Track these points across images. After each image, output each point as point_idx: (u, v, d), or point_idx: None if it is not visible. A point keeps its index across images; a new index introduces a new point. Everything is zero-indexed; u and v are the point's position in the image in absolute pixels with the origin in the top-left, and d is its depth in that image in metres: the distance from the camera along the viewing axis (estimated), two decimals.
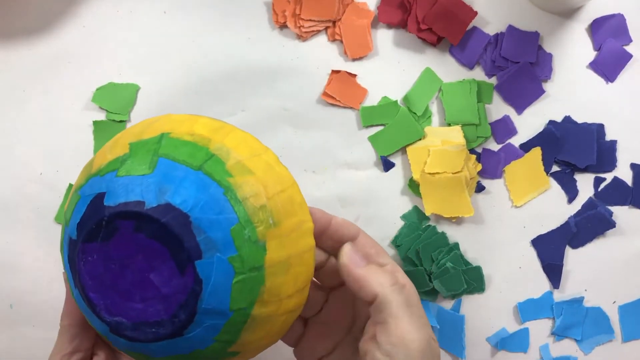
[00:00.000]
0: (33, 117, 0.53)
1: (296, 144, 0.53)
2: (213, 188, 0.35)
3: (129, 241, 0.35)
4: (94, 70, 0.53)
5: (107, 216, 0.34)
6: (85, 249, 0.35)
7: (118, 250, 0.35)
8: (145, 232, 0.34)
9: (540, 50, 0.52)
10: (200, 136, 0.38)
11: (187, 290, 0.34)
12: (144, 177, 0.35)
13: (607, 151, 0.52)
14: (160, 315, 0.35)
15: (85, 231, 0.35)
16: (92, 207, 0.35)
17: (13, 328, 0.53)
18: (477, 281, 0.51)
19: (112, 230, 0.35)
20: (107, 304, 0.35)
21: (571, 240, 0.52)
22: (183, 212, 0.34)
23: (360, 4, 0.52)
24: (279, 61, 0.52)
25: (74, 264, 0.36)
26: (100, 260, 0.35)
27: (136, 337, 0.35)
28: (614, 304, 0.52)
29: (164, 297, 0.34)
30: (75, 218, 0.36)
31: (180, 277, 0.34)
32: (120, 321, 0.35)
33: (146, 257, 0.35)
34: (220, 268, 0.34)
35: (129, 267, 0.35)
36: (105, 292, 0.35)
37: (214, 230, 0.34)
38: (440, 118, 0.52)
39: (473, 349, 0.52)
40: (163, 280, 0.34)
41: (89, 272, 0.35)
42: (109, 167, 0.37)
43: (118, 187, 0.35)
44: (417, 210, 0.52)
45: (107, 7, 0.53)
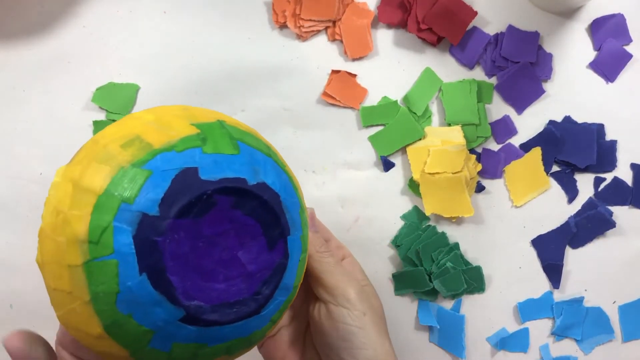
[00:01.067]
0: (33, 117, 0.53)
1: (296, 144, 0.53)
2: (283, 174, 0.37)
3: (223, 218, 0.34)
4: (94, 70, 0.53)
5: (210, 190, 0.33)
6: (174, 225, 0.32)
7: (210, 227, 0.34)
8: (243, 208, 0.34)
9: (540, 50, 0.52)
10: (248, 130, 0.38)
11: (273, 266, 0.35)
12: (234, 156, 0.35)
13: (607, 151, 0.52)
14: (242, 294, 0.34)
15: (178, 207, 0.32)
16: (181, 182, 0.33)
17: (13, 328, 0.53)
18: (477, 281, 0.51)
19: (209, 206, 0.33)
20: (187, 286, 0.33)
21: (571, 240, 0.52)
22: (275, 191, 0.35)
23: (360, 4, 0.52)
24: (279, 61, 0.53)
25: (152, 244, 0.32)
26: (188, 238, 0.33)
27: (215, 320, 0.33)
28: (614, 304, 0.52)
29: (249, 275, 0.34)
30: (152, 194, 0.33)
31: (268, 253, 0.35)
32: (199, 305, 0.33)
33: (237, 234, 0.34)
34: (298, 245, 0.37)
35: (217, 245, 0.34)
36: (187, 273, 0.33)
37: (293, 211, 0.36)
38: (440, 118, 0.52)
39: (473, 349, 0.52)
40: (250, 258, 0.35)
41: (173, 252, 0.32)
42: (186, 144, 0.34)
43: (211, 163, 0.34)
44: (417, 210, 0.52)
45: (107, 7, 0.53)
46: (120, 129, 0.36)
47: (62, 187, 0.35)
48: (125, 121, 0.37)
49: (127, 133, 0.35)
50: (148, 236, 0.32)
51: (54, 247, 0.34)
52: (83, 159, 0.35)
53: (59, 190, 0.34)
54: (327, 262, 0.43)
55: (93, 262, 0.33)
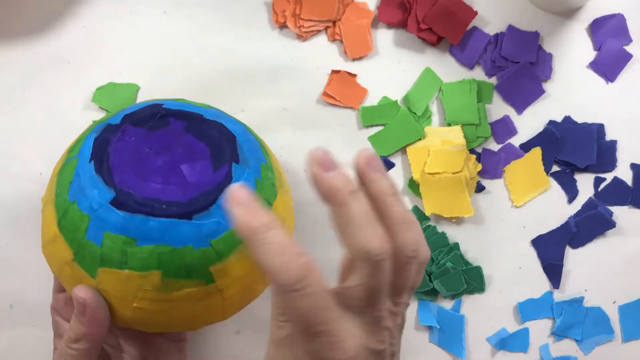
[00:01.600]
0: (33, 117, 0.53)
1: (296, 144, 0.53)
2: (251, 137, 0.43)
3: (174, 135, 0.40)
4: (94, 70, 0.53)
5: (164, 111, 0.40)
6: (128, 130, 0.40)
7: (159, 140, 0.40)
8: (195, 132, 0.40)
9: (540, 50, 0.52)
10: None
11: (214, 184, 0.39)
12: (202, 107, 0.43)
13: (607, 151, 0.52)
14: (177, 197, 0.38)
15: (135, 118, 0.40)
16: (147, 109, 0.41)
17: (13, 328, 0.53)
18: (477, 281, 0.51)
19: (163, 124, 0.40)
20: (124, 177, 0.38)
21: (571, 240, 0.52)
22: (232, 133, 0.41)
23: (360, 4, 0.52)
24: (279, 61, 0.52)
25: (104, 141, 0.39)
26: (137, 143, 0.39)
27: (141, 209, 0.37)
28: (614, 304, 0.52)
29: (188, 184, 0.39)
30: (122, 113, 0.41)
31: (212, 173, 0.39)
32: (129, 192, 0.37)
33: (185, 152, 0.40)
34: (249, 179, 0.39)
35: (163, 156, 0.39)
36: (126, 167, 0.38)
37: (250, 156, 0.40)
38: (440, 118, 0.52)
39: (473, 349, 0.52)
40: (193, 172, 0.39)
41: (120, 148, 0.39)
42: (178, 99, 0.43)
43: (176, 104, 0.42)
44: (417, 210, 0.52)
45: (107, 7, 0.53)
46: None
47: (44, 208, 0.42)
48: None
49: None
50: (105, 137, 0.39)
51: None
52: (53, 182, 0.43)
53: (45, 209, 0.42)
54: None
55: (65, 164, 0.40)
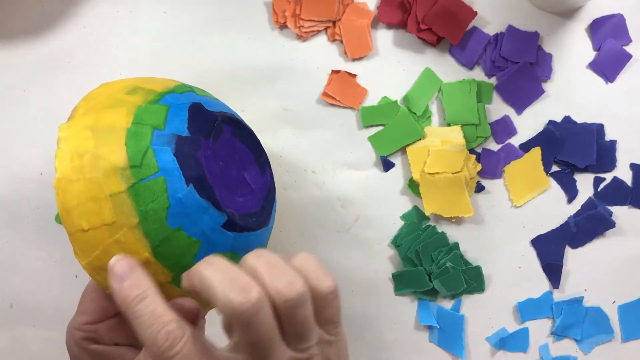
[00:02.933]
0: (33, 117, 0.53)
1: (296, 144, 0.53)
2: None
3: (229, 143, 0.40)
4: (94, 70, 0.53)
5: (220, 118, 0.39)
6: (205, 145, 0.38)
7: (223, 149, 0.39)
8: (239, 136, 0.41)
9: (540, 50, 0.52)
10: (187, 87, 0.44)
11: (267, 185, 0.42)
12: (218, 100, 0.43)
13: (607, 151, 0.52)
14: (255, 207, 0.40)
15: (202, 129, 0.38)
16: (195, 112, 0.38)
17: (13, 328, 0.53)
18: (477, 281, 0.51)
19: (219, 132, 0.39)
20: (222, 196, 0.37)
21: (571, 240, 0.52)
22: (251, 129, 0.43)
23: (360, 4, 0.52)
24: (279, 61, 0.53)
25: (192, 158, 0.36)
26: (213, 157, 0.38)
27: (246, 226, 0.38)
28: (614, 304, 0.52)
29: (254, 192, 0.41)
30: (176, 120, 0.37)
31: (261, 175, 0.42)
32: (232, 212, 0.38)
33: (240, 159, 0.41)
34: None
35: (231, 166, 0.39)
36: (219, 186, 0.37)
37: None
38: (440, 118, 0.52)
39: (473, 349, 0.52)
40: (252, 178, 0.41)
41: (208, 165, 0.37)
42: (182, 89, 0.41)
43: (207, 102, 0.40)
44: (417, 210, 0.52)
45: (107, 7, 0.53)
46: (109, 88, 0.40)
47: (76, 136, 0.36)
48: (107, 84, 0.41)
49: (123, 86, 0.39)
50: (187, 151, 0.36)
51: (86, 186, 0.35)
52: (89, 111, 0.38)
53: (72, 140, 0.36)
54: None
55: (139, 184, 0.35)
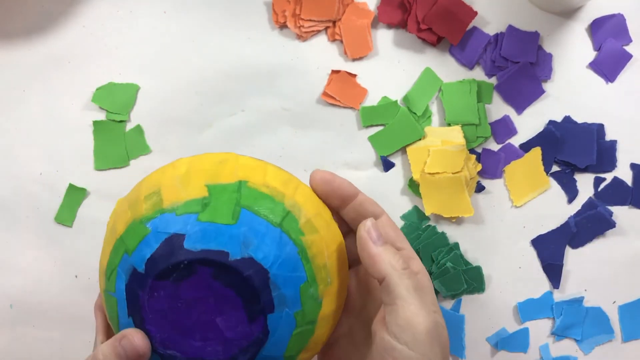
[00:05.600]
0: (33, 117, 0.53)
1: (296, 144, 0.53)
2: (289, 246, 0.37)
3: (202, 285, 0.36)
4: (94, 70, 0.53)
5: (187, 261, 0.35)
6: (154, 285, 0.36)
7: (189, 291, 0.36)
8: (223, 280, 0.36)
9: (540, 50, 0.52)
10: (275, 189, 0.39)
11: (251, 338, 0.36)
12: (228, 227, 0.36)
13: (607, 151, 0.52)
14: (218, 355, 0.36)
15: (158, 269, 0.36)
16: (167, 247, 0.36)
17: (13, 328, 0.53)
18: (477, 281, 0.51)
19: (188, 273, 0.36)
20: (164, 338, 0.36)
21: (571, 240, 0.52)
22: (264, 267, 0.36)
23: (360, 4, 0.52)
24: (279, 61, 0.53)
25: (136, 296, 0.36)
26: (167, 298, 0.36)
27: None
28: (614, 304, 0.52)
29: (226, 340, 0.36)
30: (143, 251, 0.36)
31: (247, 325, 0.36)
32: (174, 355, 0.36)
33: (217, 302, 0.36)
34: (286, 321, 0.37)
35: (196, 308, 0.36)
36: (164, 327, 0.36)
37: (287, 287, 0.36)
38: (440, 118, 0.52)
39: (473, 349, 0.52)
40: (229, 325, 0.36)
41: (152, 307, 0.36)
42: (187, 209, 0.37)
43: (200, 232, 0.36)
44: (417, 210, 0.52)
45: (107, 7, 0.53)
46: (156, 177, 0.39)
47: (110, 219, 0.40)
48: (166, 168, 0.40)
49: (156, 183, 0.39)
50: (134, 288, 0.36)
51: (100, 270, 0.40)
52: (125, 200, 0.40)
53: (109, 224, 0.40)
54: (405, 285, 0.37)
55: (106, 292, 0.38)
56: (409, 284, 0.37)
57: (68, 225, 0.53)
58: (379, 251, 0.38)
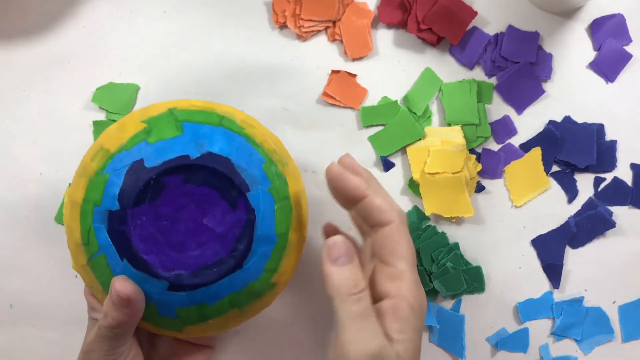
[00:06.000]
0: (33, 117, 0.53)
1: (296, 144, 0.53)
2: (237, 137, 0.40)
3: (177, 194, 0.38)
4: (94, 70, 0.53)
5: (155, 175, 0.37)
6: (134, 213, 0.37)
7: (167, 206, 0.37)
8: (194, 181, 0.38)
9: (540, 50, 0.52)
10: (202, 106, 0.41)
11: (241, 223, 0.38)
12: (177, 137, 0.39)
13: (607, 151, 0.52)
14: (219, 254, 0.38)
15: (132, 197, 0.37)
16: (131, 175, 0.37)
17: (13, 328, 0.53)
18: (477, 281, 0.51)
19: (160, 188, 0.37)
20: (163, 260, 0.37)
21: (571, 240, 0.52)
22: (224, 156, 0.38)
23: (360, 4, 0.52)
24: (279, 61, 0.53)
25: (121, 233, 0.37)
26: (150, 221, 0.37)
27: (198, 283, 0.37)
28: (614, 304, 0.52)
29: (220, 237, 0.38)
30: (110, 192, 0.38)
31: (233, 213, 0.38)
32: (179, 273, 0.37)
33: (197, 205, 0.38)
34: (265, 197, 0.39)
35: (181, 219, 0.38)
36: (160, 249, 0.37)
37: (251, 168, 0.39)
38: (440, 118, 0.52)
39: (473, 349, 0.52)
40: (216, 222, 0.38)
41: (140, 235, 0.37)
42: (133, 142, 0.39)
43: (154, 151, 0.38)
44: (417, 210, 0.52)
45: (107, 7, 0.53)
46: (94, 145, 0.41)
47: (66, 205, 0.41)
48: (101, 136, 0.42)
49: (95, 146, 0.41)
50: (116, 228, 0.37)
51: (72, 253, 0.41)
52: (74, 176, 0.41)
53: (65, 207, 0.41)
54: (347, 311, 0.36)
55: (91, 259, 0.39)
56: (352, 310, 0.36)
57: None
58: (331, 272, 0.37)
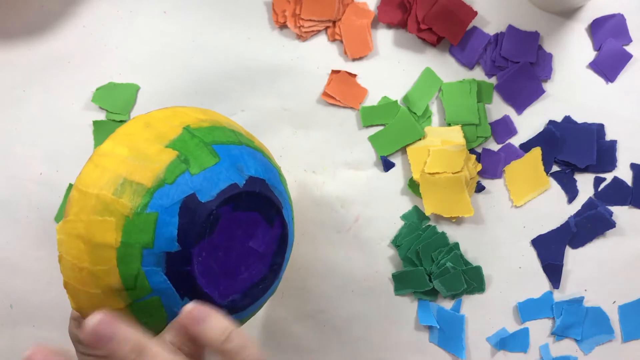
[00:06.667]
0: (33, 117, 0.53)
1: (296, 144, 0.53)
2: (257, 154, 0.41)
3: (230, 224, 0.38)
4: (94, 70, 0.53)
5: (214, 209, 0.36)
6: (196, 252, 0.36)
7: (221, 236, 0.37)
8: (242, 207, 0.38)
9: (540, 50, 0.52)
10: (208, 120, 0.41)
11: (276, 238, 0.40)
12: (218, 164, 0.38)
13: (607, 151, 0.52)
14: (261, 271, 0.39)
15: (192, 235, 0.36)
16: (186, 212, 0.36)
17: (13, 328, 0.53)
18: (477, 281, 0.51)
19: (215, 221, 0.37)
20: (220, 290, 0.37)
21: (571, 240, 0.52)
22: (260, 178, 0.39)
23: (360, 4, 0.52)
24: (279, 61, 0.53)
25: (184, 274, 0.36)
26: (209, 255, 0.37)
27: (249, 303, 0.39)
28: (614, 304, 0.52)
29: (261, 255, 0.39)
30: (165, 233, 0.35)
31: (270, 230, 0.40)
32: (233, 299, 0.38)
33: (245, 230, 0.38)
34: (288, 209, 0.42)
35: (232, 247, 0.38)
36: (217, 280, 0.37)
37: (277, 183, 0.41)
38: (440, 118, 0.52)
39: (473, 349, 0.52)
40: (259, 242, 0.39)
41: (201, 272, 0.36)
42: (174, 173, 0.36)
43: (204, 182, 0.37)
44: (417, 210, 0.52)
45: (107, 7, 0.53)
46: (101, 173, 0.37)
47: (71, 245, 0.36)
48: (100, 161, 0.37)
49: (112, 177, 0.36)
50: (178, 269, 0.36)
51: (90, 297, 0.37)
52: (79, 214, 0.36)
53: (69, 248, 0.36)
54: None
55: (136, 303, 0.36)
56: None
57: None
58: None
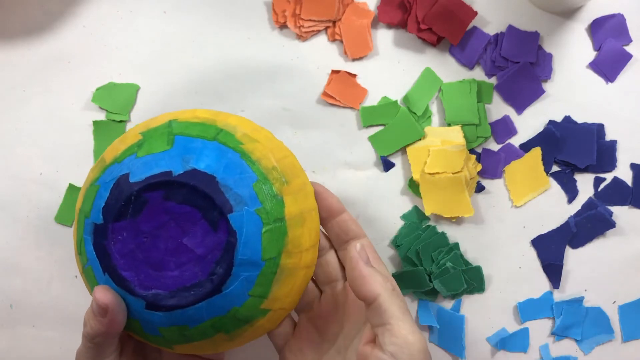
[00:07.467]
0: (33, 117, 0.53)
1: (296, 144, 0.53)
2: (230, 153, 0.38)
3: (158, 211, 0.37)
4: (94, 70, 0.53)
5: (136, 191, 0.36)
6: (115, 228, 0.37)
7: (148, 222, 0.37)
8: (175, 198, 0.36)
9: (540, 50, 0.52)
10: (205, 118, 0.41)
11: (222, 245, 0.36)
12: (165, 152, 0.37)
13: (607, 151, 0.52)
14: (197, 276, 0.36)
15: (114, 212, 0.37)
16: (116, 189, 0.37)
17: (13, 328, 0.53)
18: (477, 281, 0.51)
19: (141, 204, 0.37)
20: (141, 278, 0.37)
21: (571, 240, 0.52)
22: (208, 174, 0.37)
23: (360, 4, 0.52)
24: (279, 61, 0.53)
25: (103, 248, 0.37)
26: (131, 237, 0.37)
27: (175, 304, 0.36)
28: (614, 304, 0.52)
29: (200, 258, 0.36)
30: (97, 205, 0.37)
31: (213, 234, 0.36)
32: (156, 293, 0.36)
33: (177, 224, 0.37)
34: (250, 219, 0.37)
35: (161, 237, 0.37)
36: (138, 267, 0.37)
37: (239, 187, 0.37)
38: (440, 118, 0.52)
39: (473, 349, 0.52)
40: (197, 242, 0.37)
41: (120, 251, 0.37)
42: (125, 154, 0.39)
43: (141, 165, 0.37)
44: (417, 210, 0.52)
45: (107, 7, 0.53)
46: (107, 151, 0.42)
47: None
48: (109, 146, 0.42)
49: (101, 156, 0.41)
50: (99, 241, 0.37)
51: None
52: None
53: None
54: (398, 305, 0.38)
55: (84, 268, 0.39)
56: (400, 304, 0.38)
57: (68, 225, 0.53)
58: (371, 272, 0.38)
